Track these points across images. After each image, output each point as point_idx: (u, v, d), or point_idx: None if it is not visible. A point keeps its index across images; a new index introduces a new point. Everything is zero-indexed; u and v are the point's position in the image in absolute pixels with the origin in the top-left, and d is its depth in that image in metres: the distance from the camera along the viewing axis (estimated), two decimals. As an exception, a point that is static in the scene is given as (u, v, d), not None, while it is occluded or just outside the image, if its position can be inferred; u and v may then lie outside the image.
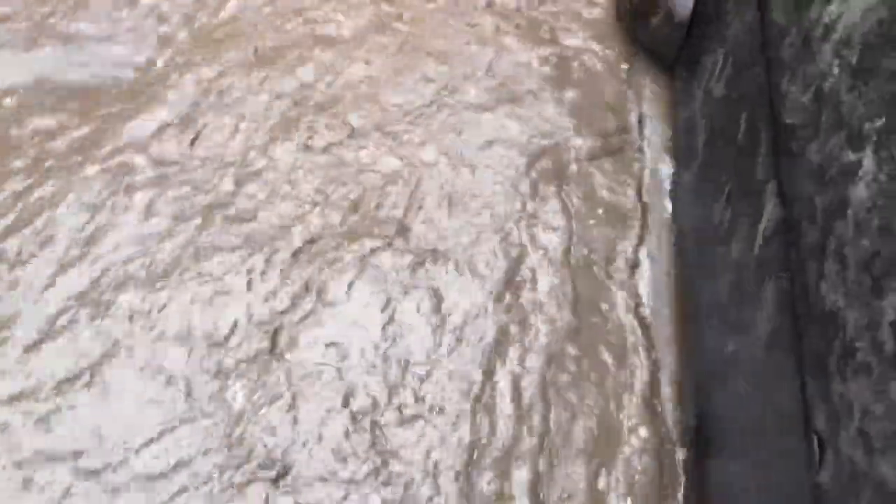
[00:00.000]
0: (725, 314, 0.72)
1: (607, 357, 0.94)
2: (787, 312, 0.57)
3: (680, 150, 0.98)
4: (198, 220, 1.02)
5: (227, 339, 0.91)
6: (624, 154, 1.17)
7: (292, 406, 0.87)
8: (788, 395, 0.54)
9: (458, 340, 0.94)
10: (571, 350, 0.94)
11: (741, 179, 0.72)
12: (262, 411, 0.86)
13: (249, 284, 0.96)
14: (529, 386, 0.90)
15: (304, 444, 0.85)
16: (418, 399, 0.89)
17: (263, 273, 0.98)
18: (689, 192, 0.91)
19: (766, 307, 0.61)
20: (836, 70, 0.52)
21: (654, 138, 1.20)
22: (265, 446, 0.84)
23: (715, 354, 0.73)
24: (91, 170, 1.07)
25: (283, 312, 0.95)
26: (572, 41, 1.30)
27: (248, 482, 0.82)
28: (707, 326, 0.77)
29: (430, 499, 0.82)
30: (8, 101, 1.14)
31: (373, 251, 1.01)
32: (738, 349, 0.66)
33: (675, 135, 1.04)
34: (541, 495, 0.82)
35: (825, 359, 0.49)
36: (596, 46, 1.28)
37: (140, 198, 1.04)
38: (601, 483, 0.84)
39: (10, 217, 1.01)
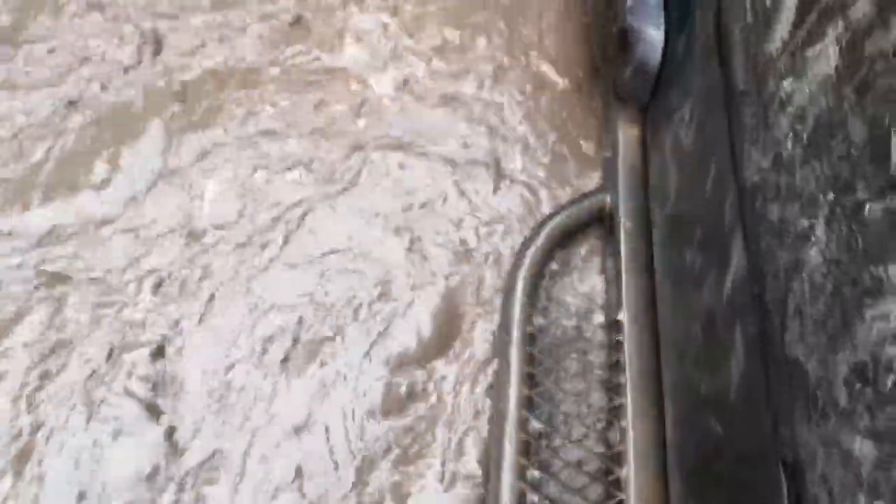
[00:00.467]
0: (697, 356, 0.77)
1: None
2: (756, 358, 0.62)
3: (655, 191, 1.04)
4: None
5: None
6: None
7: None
8: (757, 438, 0.59)
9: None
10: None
11: (710, 227, 0.78)
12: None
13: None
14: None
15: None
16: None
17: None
18: (663, 233, 0.97)
19: (737, 353, 0.66)
20: (790, 142, 0.58)
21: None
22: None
23: (691, 396, 0.78)
24: None
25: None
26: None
27: None
28: (679, 368, 0.82)
29: None
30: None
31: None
32: (711, 393, 0.71)
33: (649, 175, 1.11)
34: None
35: (792, 405, 0.53)
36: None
37: None
38: None
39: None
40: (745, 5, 0.73)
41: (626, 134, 1.22)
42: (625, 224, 1.12)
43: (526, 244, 1.19)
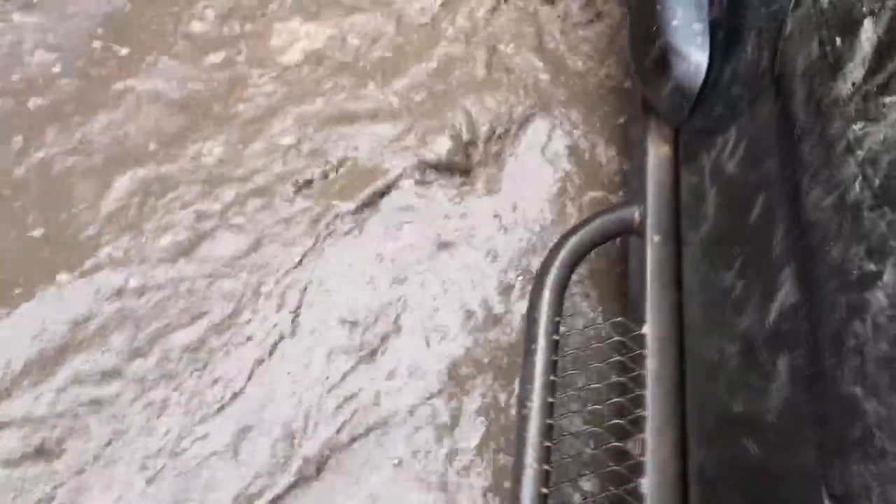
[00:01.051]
0: (731, 378, 0.80)
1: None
2: (801, 386, 0.65)
3: (688, 210, 1.06)
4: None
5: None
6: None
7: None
8: (801, 463, 0.62)
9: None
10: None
11: (755, 255, 0.80)
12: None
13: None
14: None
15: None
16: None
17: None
18: (697, 253, 0.99)
19: (779, 379, 0.68)
20: (858, 185, 0.60)
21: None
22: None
23: (720, 415, 0.81)
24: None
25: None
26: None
27: None
28: (709, 387, 0.85)
29: None
30: None
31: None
32: (746, 414, 0.74)
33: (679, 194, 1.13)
34: None
35: (844, 439, 0.56)
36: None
37: None
38: None
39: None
40: (812, 41, 0.75)
41: (657, 150, 1.24)
42: (653, 238, 1.14)
43: (553, 252, 1.20)
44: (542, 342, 1.09)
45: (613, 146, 1.38)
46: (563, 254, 1.18)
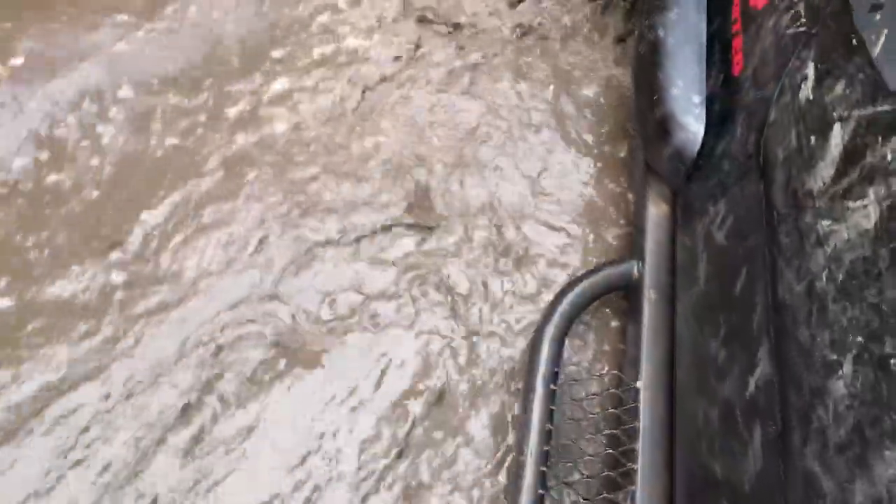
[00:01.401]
0: (713, 441, 0.85)
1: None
2: (774, 460, 0.69)
3: (682, 270, 1.12)
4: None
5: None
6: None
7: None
8: (771, 532, 0.66)
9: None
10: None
11: (737, 327, 0.85)
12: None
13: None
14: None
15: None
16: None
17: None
18: (689, 314, 1.04)
19: (755, 448, 0.73)
20: (825, 278, 0.66)
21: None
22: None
23: (703, 475, 0.85)
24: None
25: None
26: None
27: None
28: (695, 448, 0.89)
29: None
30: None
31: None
32: (726, 478, 0.78)
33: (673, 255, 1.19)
34: None
35: (806, 514, 0.61)
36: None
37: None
38: None
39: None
40: (791, 133, 0.81)
41: (657, 209, 1.31)
42: (650, 294, 1.20)
43: (555, 302, 1.26)
44: (539, 391, 1.14)
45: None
46: (563, 305, 1.24)
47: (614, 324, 1.27)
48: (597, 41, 1.59)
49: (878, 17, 0.70)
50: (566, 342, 1.25)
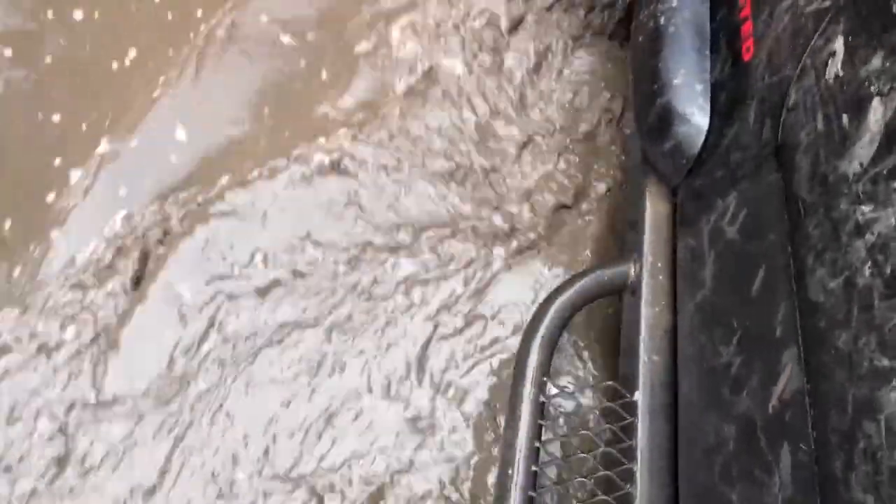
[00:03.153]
0: (728, 464, 0.74)
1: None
2: (808, 487, 0.59)
3: (684, 273, 1.03)
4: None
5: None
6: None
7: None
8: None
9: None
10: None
11: (755, 332, 0.76)
12: None
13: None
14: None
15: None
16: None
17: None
18: (693, 321, 0.95)
19: (782, 473, 0.63)
20: (868, 272, 0.57)
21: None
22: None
23: (713, 500, 0.75)
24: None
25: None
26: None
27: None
28: (704, 470, 0.79)
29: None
30: None
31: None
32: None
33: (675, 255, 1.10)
34: None
35: (854, 555, 0.51)
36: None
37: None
38: None
39: None
40: (817, 115, 0.73)
41: (654, 208, 1.21)
42: (647, 299, 1.10)
43: (543, 307, 1.15)
44: (527, 404, 1.03)
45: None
46: (553, 309, 1.14)
47: (607, 330, 1.17)
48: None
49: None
50: (554, 350, 1.15)
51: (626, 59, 1.40)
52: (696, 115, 1.10)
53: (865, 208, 0.61)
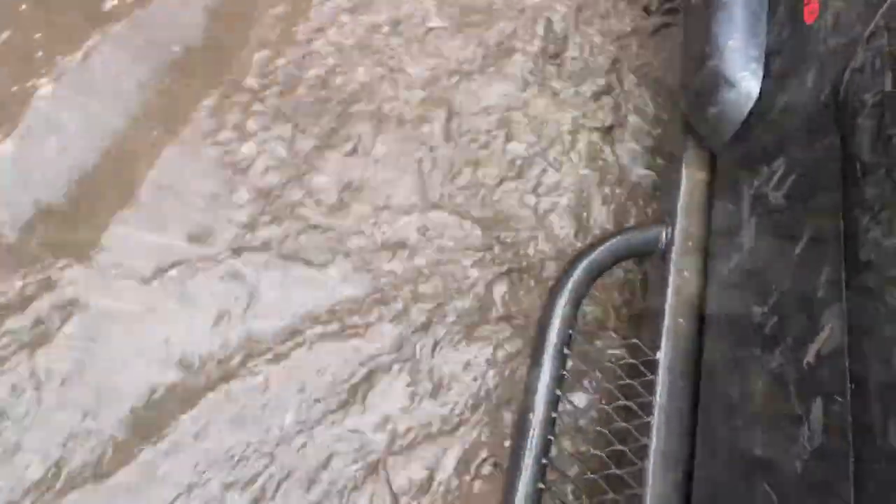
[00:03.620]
0: (753, 418, 0.76)
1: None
2: (838, 436, 0.61)
3: (719, 238, 1.02)
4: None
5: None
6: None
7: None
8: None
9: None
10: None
11: (795, 291, 0.76)
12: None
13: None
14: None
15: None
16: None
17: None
18: (726, 283, 0.95)
19: (812, 424, 0.64)
20: (930, 229, 0.57)
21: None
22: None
23: (736, 455, 0.77)
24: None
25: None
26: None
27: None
28: (726, 425, 0.81)
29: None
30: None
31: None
32: (768, 457, 0.70)
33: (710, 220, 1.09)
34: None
35: (888, 496, 0.52)
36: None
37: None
38: None
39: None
40: (885, 74, 0.71)
41: (692, 173, 1.20)
42: (677, 262, 1.10)
43: (573, 263, 1.15)
44: (550, 353, 1.04)
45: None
46: (582, 266, 1.14)
47: (632, 290, 1.17)
48: None
49: None
50: (579, 309, 1.16)
51: (679, 20, 1.36)
52: (746, 81, 1.08)
53: (933, 167, 0.60)
